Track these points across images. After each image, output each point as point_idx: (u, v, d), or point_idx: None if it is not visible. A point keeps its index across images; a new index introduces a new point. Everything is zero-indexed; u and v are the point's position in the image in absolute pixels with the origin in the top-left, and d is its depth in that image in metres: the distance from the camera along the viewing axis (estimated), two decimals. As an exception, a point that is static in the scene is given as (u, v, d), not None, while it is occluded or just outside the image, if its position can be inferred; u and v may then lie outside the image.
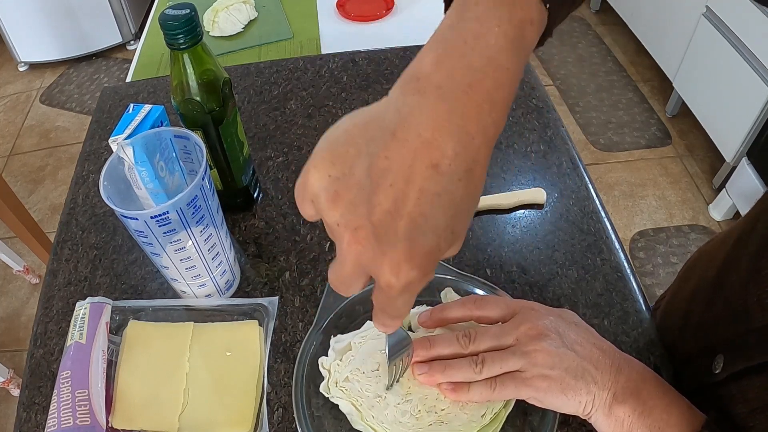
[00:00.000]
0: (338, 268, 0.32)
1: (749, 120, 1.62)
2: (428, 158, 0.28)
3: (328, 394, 0.49)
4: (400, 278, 0.29)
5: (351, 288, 0.33)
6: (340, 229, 0.30)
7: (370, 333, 0.52)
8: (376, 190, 0.28)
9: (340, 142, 0.31)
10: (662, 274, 1.67)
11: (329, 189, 0.30)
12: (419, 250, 0.29)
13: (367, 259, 0.30)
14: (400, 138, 0.28)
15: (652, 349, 0.55)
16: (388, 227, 0.28)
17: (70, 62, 2.60)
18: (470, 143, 0.29)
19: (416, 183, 0.28)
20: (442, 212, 0.29)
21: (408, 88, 0.30)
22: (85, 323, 0.54)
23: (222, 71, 0.58)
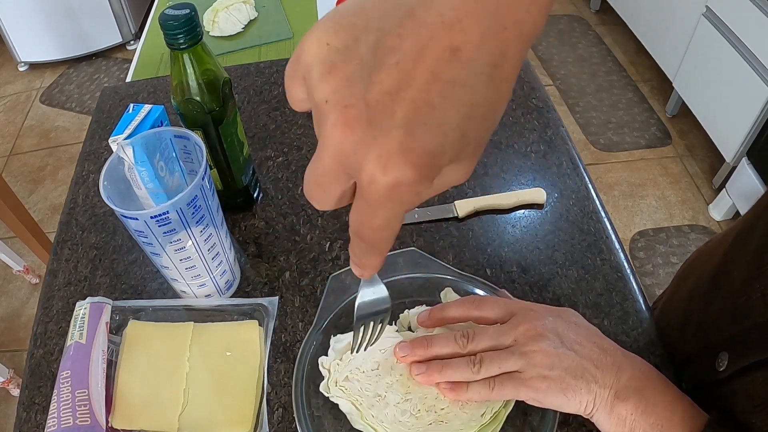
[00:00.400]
0: (316, 163, 0.26)
1: (749, 120, 1.62)
2: (448, 40, 0.23)
3: (328, 393, 0.49)
4: (388, 172, 0.24)
5: (326, 192, 0.27)
6: (328, 107, 0.25)
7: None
8: (378, 68, 0.24)
9: (349, 12, 0.26)
10: (662, 274, 1.67)
11: (326, 60, 0.25)
12: (417, 144, 0.24)
13: (352, 145, 0.24)
14: (419, 16, 0.23)
15: (652, 349, 0.55)
16: (385, 110, 0.23)
17: (70, 62, 2.60)
18: (501, 33, 0.23)
19: (428, 64, 0.23)
20: (454, 106, 0.24)
21: None
22: (85, 323, 0.54)
23: (222, 71, 0.58)
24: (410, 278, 0.58)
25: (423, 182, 0.24)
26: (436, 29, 0.23)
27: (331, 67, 0.25)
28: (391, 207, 0.25)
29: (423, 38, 0.23)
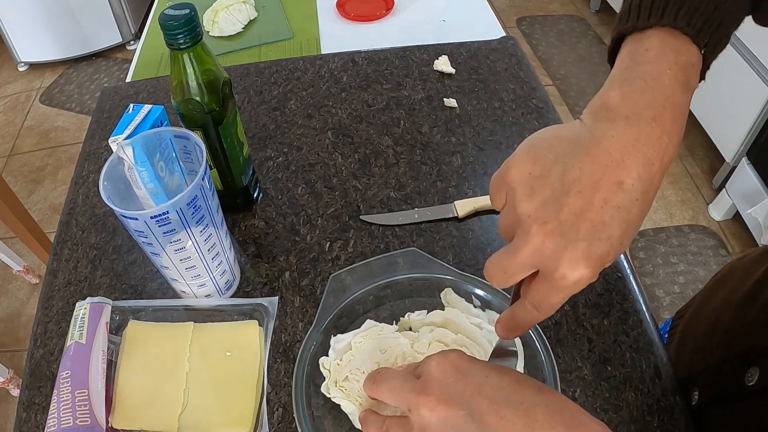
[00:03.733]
0: (509, 257, 0.35)
1: (749, 120, 1.62)
2: (615, 176, 0.32)
3: (329, 394, 0.49)
4: (575, 273, 0.33)
5: (511, 278, 0.35)
6: (529, 221, 0.34)
7: (371, 333, 0.52)
8: (567, 194, 0.33)
9: (542, 146, 0.35)
10: (662, 274, 1.67)
11: (527, 184, 0.34)
12: (594, 252, 0.33)
13: (549, 251, 0.33)
14: (593, 155, 0.33)
15: (652, 348, 0.55)
16: (573, 227, 0.33)
17: (70, 62, 2.60)
18: (650, 168, 0.33)
19: (602, 194, 0.32)
20: (618, 224, 0.33)
21: (599, 116, 0.35)
22: (84, 323, 0.54)
23: (222, 71, 0.58)
24: (410, 278, 0.58)
25: (593, 278, 0.34)
26: (606, 166, 0.33)
27: (532, 190, 0.34)
28: (569, 292, 0.35)
29: (597, 173, 0.33)
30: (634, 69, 0.35)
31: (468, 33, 0.99)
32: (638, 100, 0.34)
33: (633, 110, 0.34)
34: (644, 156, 0.33)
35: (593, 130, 0.34)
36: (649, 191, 0.33)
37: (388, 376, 0.42)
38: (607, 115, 0.34)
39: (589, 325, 0.57)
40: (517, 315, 0.38)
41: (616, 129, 0.33)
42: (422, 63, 0.87)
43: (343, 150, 0.75)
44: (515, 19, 2.66)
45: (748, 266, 0.57)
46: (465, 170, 0.72)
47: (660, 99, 0.34)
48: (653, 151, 0.33)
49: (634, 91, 0.34)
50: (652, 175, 0.33)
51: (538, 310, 0.36)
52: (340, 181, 0.71)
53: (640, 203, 0.33)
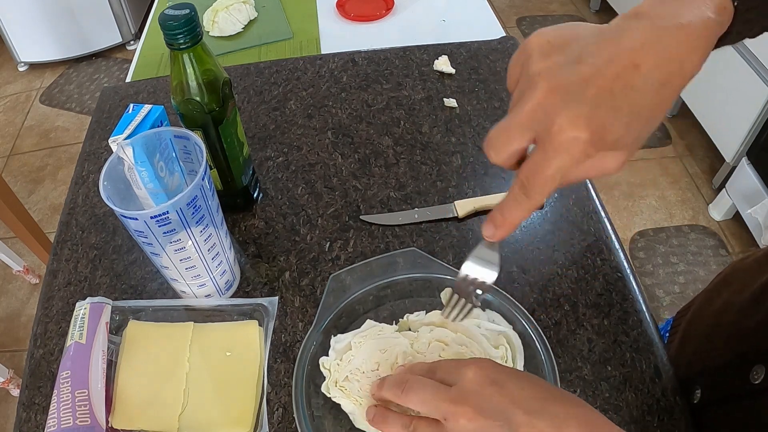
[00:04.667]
0: (510, 116, 0.35)
1: (749, 120, 1.62)
2: (632, 58, 0.32)
3: (329, 394, 0.49)
4: (572, 129, 0.32)
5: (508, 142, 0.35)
6: (539, 78, 0.34)
7: (370, 332, 0.52)
8: (580, 62, 0.33)
9: (565, 27, 0.36)
10: (662, 274, 1.67)
11: (544, 49, 0.35)
12: (596, 119, 0.32)
13: (551, 106, 0.33)
14: (614, 40, 0.33)
15: (652, 348, 0.55)
16: (579, 89, 0.32)
17: (70, 62, 2.59)
18: (669, 65, 0.33)
19: (615, 68, 0.32)
20: (628, 102, 0.32)
21: (628, 16, 0.34)
22: (84, 323, 0.54)
23: (222, 71, 0.58)
24: (410, 278, 0.58)
25: (591, 145, 0.33)
26: (624, 49, 0.33)
27: (546, 55, 0.34)
28: (564, 157, 0.33)
29: (614, 51, 0.33)
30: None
31: (468, 33, 0.99)
32: (668, 9, 0.34)
33: (662, 14, 0.33)
34: (665, 50, 0.33)
35: (618, 24, 0.34)
36: (666, 87, 0.33)
37: (418, 386, 0.42)
38: (636, 16, 0.34)
39: (589, 325, 0.57)
40: (504, 206, 0.37)
41: (641, 26, 0.33)
42: (422, 63, 0.87)
43: (343, 150, 0.75)
44: (515, 19, 2.67)
45: (752, 268, 0.57)
46: (465, 170, 0.72)
47: (689, 15, 0.33)
48: (674, 51, 0.33)
49: (665, 3, 0.34)
50: (670, 73, 0.33)
51: (527, 192, 0.35)
52: (340, 181, 0.71)
53: (654, 92, 0.33)
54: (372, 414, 0.46)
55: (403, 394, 0.42)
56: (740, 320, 0.53)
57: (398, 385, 0.43)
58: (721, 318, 0.56)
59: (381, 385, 0.46)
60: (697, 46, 0.34)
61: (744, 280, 0.56)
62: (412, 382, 0.43)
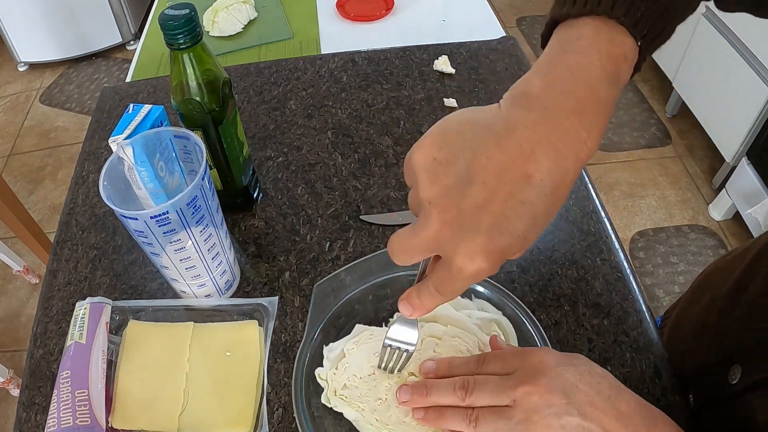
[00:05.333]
0: (409, 237, 0.34)
1: (749, 120, 1.62)
2: (524, 169, 0.31)
3: (330, 404, 0.49)
4: (472, 266, 0.32)
5: (411, 258, 0.35)
6: (430, 207, 0.33)
7: (362, 337, 0.52)
8: (471, 183, 0.31)
9: (451, 131, 0.34)
10: (662, 274, 1.68)
11: (430, 170, 0.33)
12: (495, 246, 0.32)
13: (446, 240, 0.32)
14: (503, 145, 0.31)
15: (652, 348, 0.55)
16: (473, 219, 0.31)
17: (70, 62, 2.60)
18: (563, 164, 0.31)
19: (507, 187, 0.31)
20: (522, 220, 0.32)
21: (517, 102, 0.33)
22: (84, 323, 0.54)
23: (222, 71, 0.58)
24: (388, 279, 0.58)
25: (492, 271, 0.33)
26: (515, 158, 0.31)
27: (435, 176, 0.33)
28: (468, 284, 0.34)
29: (504, 164, 0.31)
30: (562, 57, 0.33)
31: (468, 33, 0.99)
32: (560, 90, 0.32)
33: (553, 101, 0.32)
34: (557, 150, 0.31)
35: (508, 117, 0.32)
36: (560, 187, 0.32)
37: (482, 381, 0.43)
38: (526, 103, 0.32)
39: (589, 325, 0.57)
40: (421, 294, 0.37)
41: (531, 119, 0.32)
42: (422, 63, 0.87)
43: (343, 150, 0.75)
44: (515, 19, 2.67)
45: (731, 265, 0.57)
46: (465, 170, 0.71)
47: (583, 92, 0.32)
48: (568, 146, 0.31)
49: (557, 81, 0.32)
50: (564, 171, 0.32)
51: (441, 294, 0.36)
52: (340, 181, 0.71)
53: (548, 199, 0.32)
54: (422, 414, 0.45)
55: (469, 395, 0.43)
56: (721, 319, 0.52)
57: (460, 388, 0.43)
58: (706, 317, 0.56)
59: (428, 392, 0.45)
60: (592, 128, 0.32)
61: (724, 278, 0.56)
62: (472, 380, 0.44)
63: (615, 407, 0.40)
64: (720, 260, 0.62)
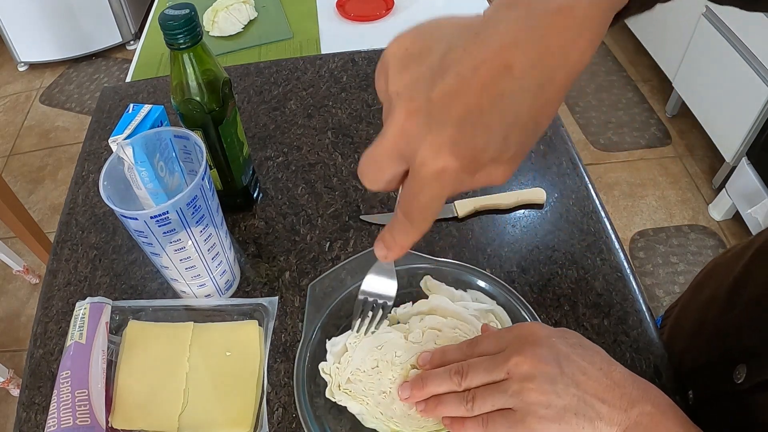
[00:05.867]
0: (377, 143, 0.31)
1: (749, 120, 1.62)
2: (503, 58, 0.27)
3: (334, 398, 0.49)
4: (437, 160, 0.28)
5: (380, 171, 0.31)
6: (398, 98, 0.30)
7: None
8: (443, 72, 0.28)
9: (428, 26, 0.31)
10: (662, 274, 1.67)
11: (402, 60, 0.30)
12: (465, 142, 0.28)
13: (412, 133, 0.29)
14: (482, 37, 0.28)
15: (652, 348, 0.55)
16: (442, 109, 0.28)
17: (70, 62, 2.60)
18: (548, 60, 0.28)
19: (483, 76, 0.27)
20: (500, 114, 0.28)
21: (501, 3, 0.30)
22: (84, 323, 0.54)
23: (222, 71, 0.58)
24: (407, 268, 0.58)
25: (464, 172, 0.29)
26: (494, 48, 0.28)
27: (405, 66, 0.30)
28: (435, 187, 0.30)
29: (482, 54, 0.28)
30: None
31: (468, 33, 0.99)
32: None
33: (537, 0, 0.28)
34: (543, 43, 0.28)
35: (490, 16, 0.29)
36: (547, 87, 0.28)
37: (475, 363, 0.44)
38: (509, 3, 0.29)
39: (589, 325, 0.57)
40: (392, 228, 0.34)
41: (514, 15, 0.28)
42: (422, 63, 0.87)
43: (343, 150, 0.75)
44: (515, 19, 2.66)
45: (730, 262, 0.56)
46: (465, 170, 0.71)
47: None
48: (554, 42, 0.28)
49: None
50: (551, 68, 0.28)
51: (408, 218, 0.32)
52: (340, 181, 0.71)
53: (532, 96, 0.28)
54: (423, 405, 0.45)
55: (464, 378, 0.43)
56: (721, 317, 0.52)
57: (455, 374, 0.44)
58: (705, 315, 0.56)
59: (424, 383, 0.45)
60: (582, 30, 0.28)
61: (723, 276, 0.55)
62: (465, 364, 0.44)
63: (608, 376, 0.41)
64: (719, 258, 0.62)
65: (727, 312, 0.51)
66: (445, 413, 0.44)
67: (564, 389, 0.40)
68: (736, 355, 0.47)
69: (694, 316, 0.58)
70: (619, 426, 0.40)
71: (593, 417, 0.40)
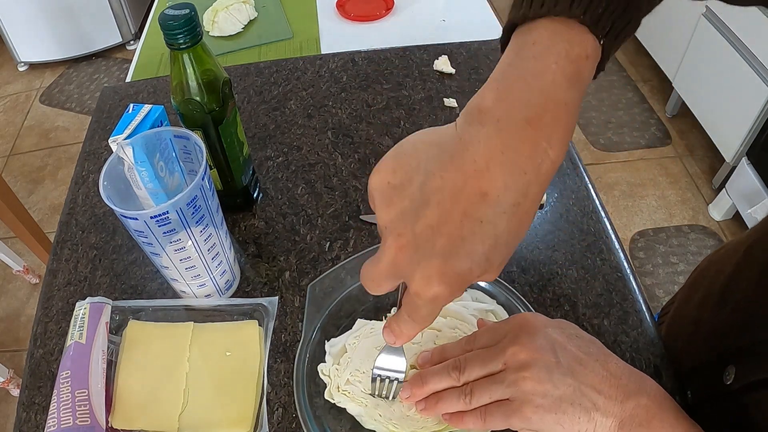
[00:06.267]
0: (373, 265, 0.34)
1: (749, 120, 1.62)
2: (478, 186, 0.30)
3: (333, 400, 0.49)
4: (429, 290, 0.31)
5: (379, 287, 0.34)
6: (387, 232, 0.32)
7: (362, 332, 0.52)
8: (425, 205, 0.31)
9: (405, 153, 0.33)
10: (662, 274, 1.68)
11: (385, 194, 0.33)
12: (451, 270, 0.31)
13: (403, 264, 0.32)
14: (457, 163, 0.30)
15: (652, 349, 0.55)
16: (428, 241, 0.30)
17: (70, 62, 2.60)
18: (521, 178, 0.30)
19: (462, 206, 0.30)
20: (481, 239, 0.30)
21: (471, 119, 0.31)
22: (84, 323, 0.54)
23: (222, 71, 0.58)
24: None
25: (455, 293, 0.32)
26: (469, 176, 0.30)
27: (389, 201, 0.32)
28: (432, 307, 0.33)
29: (459, 182, 0.30)
30: (516, 66, 0.31)
31: (468, 33, 0.99)
32: (513, 101, 0.30)
33: (506, 113, 0.30)
34: (514, 164, 0.29)
35: (461, 135, 0.31)
36: (522, 203, 0.30)
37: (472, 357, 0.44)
38: (479, 118, 0.31)
39: (589, 325, 0.57)
40: (399, 322, 0.36)
41: (484, 134, 0.30)
42: (422, 63, 0.87)
43: (343, 150, 0.75)
44: (515, 19, 2.66)
45: (723, 261, 0.56)
46: (465, 170, 0.71)
47: (538, 99, 0.30)
48: (525, 159, 0.30)
49: (511, 92, 0.31)
50: (525, 185, 0.30)
51: (413, 320, 0.35)
52: (340, 181, 0.71)
53: (509, 216, 0.30)
54: (423, 404, 0.45)
55: (462, 373, 0.43)
56: (715, 316, 0.52)
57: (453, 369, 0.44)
58: (701, 314, 0.56)
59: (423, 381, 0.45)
60: (552, 135, 0.30)
61: (717, 273, 0.55)
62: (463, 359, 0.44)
63: (605, 367, 0.41)
64: (713, 255, 0.62)
65: (720, 311, 0.51)
66: (445, 409, 0.44)
67: (560, 379, 0.40)
68: (727, 355, 0.47)
69: (691, 315, 0.58)
70: (615, 417, 0.40)
71: (589, 407, 0.40)
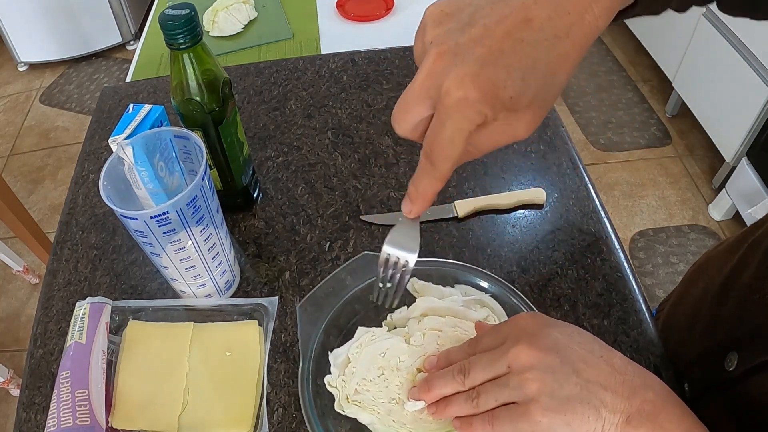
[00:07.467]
0: (408, 88, 0.35)
1: (749, 120, 1.62)
2: (524, 13, 0.32)
3: (344, 411, 0.49)
4: (459, 90, 0.32)
5: (408, 113, 0.35)
6: (430, 46, 0.34)
7: (364, 340, 0.52)
8: (470, 25, 0.33)
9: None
10: (662, 274, 1.67)
11: (438, 18, 0.35)
12: (485, 75, 0.32)
13: (438, 71, 0.33)
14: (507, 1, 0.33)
15: (652, 349, 0.55)
16: (468, 49, 0.32)
17: (70, 62, 2.60)
18: (565, 18, 0.32)
19: (506, 26, 0.32)
20: (519, 57, 0.32)
21: None
22: (84, 323, 0.54)
23: (222, 71, 0.58)
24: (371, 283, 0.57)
25: (485, 104, 0.32)
26: (517, 6, 0.32)
27: (439, 23, 0.34)
28: (458, 119, 0.33)
29: (506, 10, 0.32)
30: None
31: (468, 33, 0.99)
32: None
33: None
34: (559, 3, 0.32)
35: None
36: (563, 40, 0.32)
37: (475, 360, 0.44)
38: None
39: (589, 325, 0.57)
40: (416, 178, 0.38)
41: None
42: (422, 63, 0.87)
43: (343, 150, 0.75)
44: (515, 19, 2.66)
45: (723, 255, 0.56)
46: (465, 170, 0.72)
47: None
48: (572, 4, 0.32)
49: None
50: (567, 24, 0.32)
51: (430, 159, 0.35)
52: (340, 181, 0.71)
53: (549, 46, 0.32)
54: (434, 408, 0.45)
55: (467, 377, 0.43)
56: (714, 309, 0.52)
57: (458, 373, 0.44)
58: (699, 308, 0.56)
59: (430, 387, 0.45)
60: None
61: (717, 269, 0.56)
62: (467, 362, 0.44)
63: (609, 363, 0.41)
64: (712, 251, 0.62)
65: (720, 304, 0.51)
66: (454, 413, 0.44)
67: (564, 378, 0.40)
68: (727, 344, 0.47)
69: (687, 310, 0.58)
70: (622, 413, 0.39)
71: (597, 405, 0.39)
